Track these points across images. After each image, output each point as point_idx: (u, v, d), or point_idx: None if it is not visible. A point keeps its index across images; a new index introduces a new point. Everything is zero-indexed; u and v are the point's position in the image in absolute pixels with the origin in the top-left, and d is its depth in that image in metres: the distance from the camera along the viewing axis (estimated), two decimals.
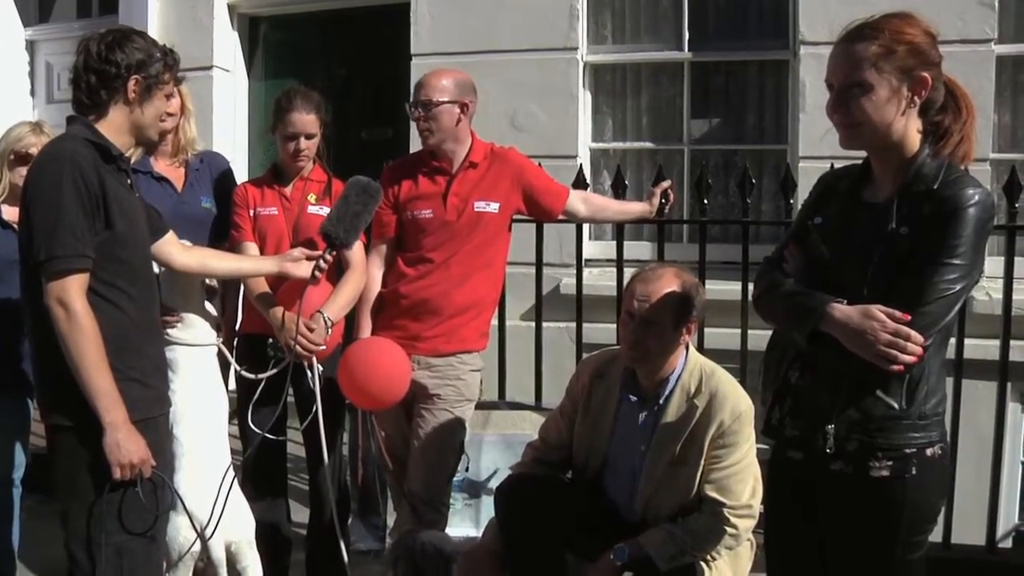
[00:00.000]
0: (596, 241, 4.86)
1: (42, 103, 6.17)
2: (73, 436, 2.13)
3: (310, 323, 2.83)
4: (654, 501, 2.43)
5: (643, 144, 4.96)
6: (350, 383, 2.86)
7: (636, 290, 2.41)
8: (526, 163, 3.09)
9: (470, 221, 2.92)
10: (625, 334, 2.42)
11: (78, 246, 2.07)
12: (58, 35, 6.12)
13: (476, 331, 3.02)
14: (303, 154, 3.01)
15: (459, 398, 2.97)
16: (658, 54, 4.83)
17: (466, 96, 2.92)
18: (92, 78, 2.20)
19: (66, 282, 2.05)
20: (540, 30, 4.77)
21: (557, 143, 4.72)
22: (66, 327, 2.04)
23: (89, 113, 2.23)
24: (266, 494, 3.03)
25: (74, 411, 2.11)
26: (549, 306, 3.91)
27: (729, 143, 4.87)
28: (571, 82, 4.77)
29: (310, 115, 3.00)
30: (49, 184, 2.09)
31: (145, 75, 2.25)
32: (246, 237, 3.01)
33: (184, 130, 3.15)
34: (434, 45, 4.92)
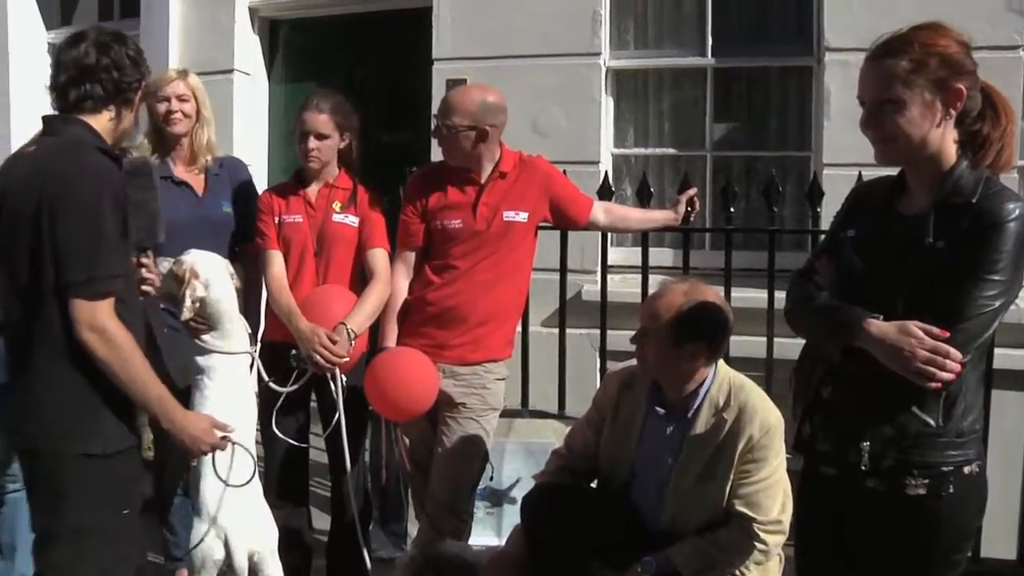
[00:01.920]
0: (619, 248, 4.84)
1: None
2: (97, 462, 2.07)
3: (333, 335, 2.84)
4: (681, 514, 2.42)
5: (665, 150, 4.95)
6: (378, 395, 2.87)
7: (647, 302, 2.43)
8: (554, 172, 3.09)
9: (500, 231, 2.92)
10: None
11: (118, 267, 2.03)
12: None
13: (501, 339, 3.02)
14: (312, 154, 3.00)
15: (484, 407, 2.97)
16: (681, 60, 4.81)
17: (489, 120, 2.89)
18: (116, 75, 2.11)
19: (103, 304, 2.00)
20: (562, 35, 4.76)
21: (579, 149, 4.71)
22: (107, 350, 2.00)
23: (96, 112, 2.13)
24: (288, 501, 3.04)
25: (96, 437, 2.07)
26: (570, 313, 3.91)
27: (751, 150, 4.85)
28: (593, 87, 4.76)
29: (322, 115, 3.00)
30: (88, 200, 2.01)
31: (145, 84, 2.25)
32: (271, 245, 3.02)
33: (199, 136, 3.17)
34: (455, 50, 4.92)
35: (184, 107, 3.15)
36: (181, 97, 3.14)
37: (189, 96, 3.15)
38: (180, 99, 3.14)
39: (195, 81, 3.21)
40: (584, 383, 4.35)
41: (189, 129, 3.16)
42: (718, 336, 2.38)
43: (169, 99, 3.14)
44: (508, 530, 3.05)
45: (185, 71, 3.29)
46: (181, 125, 3.15)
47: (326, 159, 3.03)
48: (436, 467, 2.96)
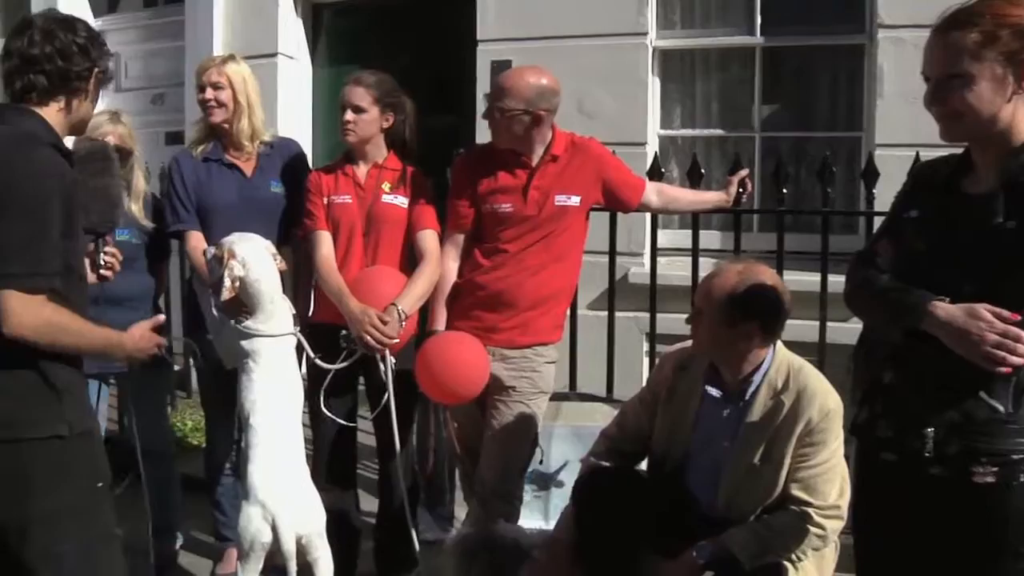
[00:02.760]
0: (666, 230, 4.79)
1: (110, 91, 6.26)
2: (65, 443, 2.05)
3: (384, 316, 2.84)
4: (737, 499, 2.39)
5: (713, 131, 4.89)
6: (428, 378, 2.87)
7: (702, 282, 2.41)
8: (606, 155, 3.06)
9: (551, 215, 2.89)
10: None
11: (56, 265, 1.99)
12: (126, 25, 6.22)
13: (551, 323, 3.00)
14: (347, 126, 3.00)
15: (534, 390, 2.96)
16: (729, 39, 4.75)
17: (542, 104, 2.85)
18: (60, 64, 2.05)
19: (37, 299, 1.95)
20: (608, 15, 4.71)
21: (625, 130, 4.66)
22: (52, 339, 1.98)
23: (44, 103, 2.07)
24: (336, 483, 3.05)
25: (60, 420, 2.05)
26: (618, 295, 3.88)
27: (801, 130, 4.77)
28: (640, 68, 4.71)
29: (359, 87, 3.00)
30: (35, 196, 1.96)
31: (102, 70, 2.15)
32: (319, 225, 3.02)
33: (238, 123, 3.17)
34: (500, 31, 4.90)
35: (219, 95, 3.15)
36: (216, 85, 3.15)
37: (225, 84, 3.14)
38: (215, 87, 3.15)
39: (233, 68, 3.18)
40: (632, 366, 4.34)
41: (227, 117, 3.16)
42: (773, 316, 2.34)
43: (205, 88, 3.15)
44: (555, 513, 3.05)
45: (227, 58, 3.28)
46: (217, 114, 3.16)
47: (363, 133, 3.02)
48: (485, 450, 2.96)
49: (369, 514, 3.34)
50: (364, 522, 3.30)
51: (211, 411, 3.34)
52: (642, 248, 4.60)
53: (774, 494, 2.35)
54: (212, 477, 3.31)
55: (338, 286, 2.91)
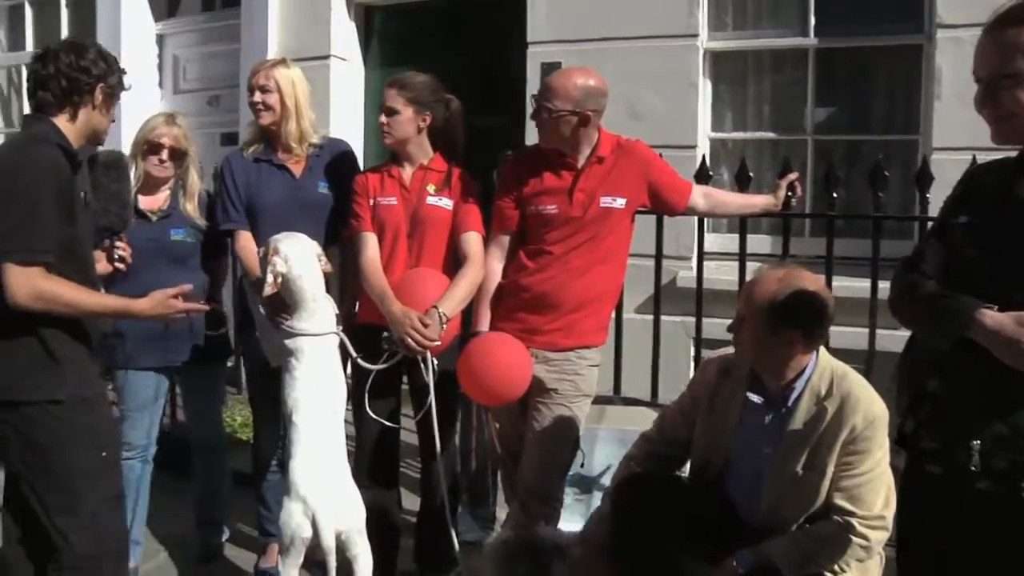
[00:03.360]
0: (714, 234, 4.75)
1: (169, 93, 6.44)
2: (64, 408, 2.36)
3: (424, 318, 2.85)
4: (779, 507, 2.36)
5: (764, 134, 4.83)
6: (470, 380, 2.88)
7: (744, 288, 2.37)
8: (652, 157, 3.03)
9: (596, 216, 2.88)
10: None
11: (48, 244, 2.30)
12: (185, 28, 6.37)
13: (595, 326, 2.98)
14: (383, 129, 3.04)
15: (576, 393, 2.94)
16: (782, 40, 4.68)
17: (590, 105, 2.84)
18: (64, 82, 2.43)
19: (32, 270, 2.27)
20: (659, 16, 4.68)
21: (676, 132, 4.63)
22: (53, 305, 2.29)
23: (55, 113, 2.45)
24: (378, 482, 3.07)
25: (60, 386, 2.36)
26: (664, 299, 3.86)
27: (855, 133, 4.69)
28: (691, 70, 4.68)
29: (391, 89, 3.03)
30: (28, 184, 2.29)
31: (107, 84, 2.50)
32: (365, 227, 3.04)
33: (285, 126, 3.20)
34: (550, 33, 4.90)
35: (267, 98, 3.18)
36: (264, 88, 3.19)
37: (273, 88, 3.18)
38: (263, 91, 3.19)
39: (281, 72, 3.21)
40: (677, 371, 4.30)
41: (275, 119, 3.20)
42: (815, 323, 2.30)
43: (254, 90, 3.20)
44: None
45: (276, 62, 3.31)
46: (265, 116, 3.20)
47: (399, 134, 3.03)
48: (527, 453, 2.95)
49: (411, 512, 3.36)
50: (406, 520, 3.32)
51: (258, 408, 3.39)
52: (690, 252, 4.54)
53: (817, 503, 2.31)
54: (258, 473, 3.36)
55: (381, 288, 2.93)
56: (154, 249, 3.19)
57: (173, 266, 3.20)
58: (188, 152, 3.33)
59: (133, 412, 3.21)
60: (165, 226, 3.25)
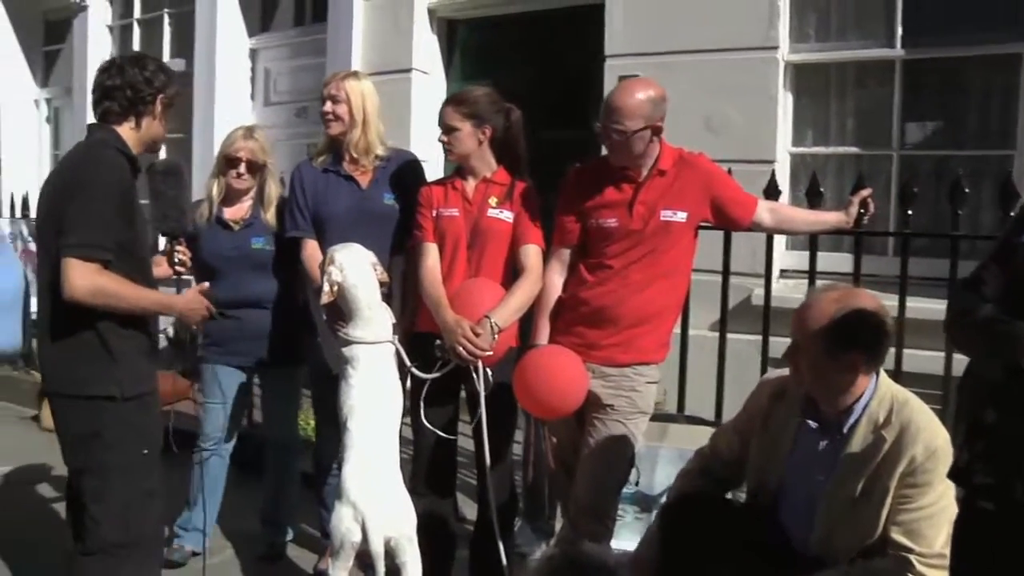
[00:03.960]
0: (793, 251, 4.61)
1: (260, 105, 6.66)
2: (116, 405, 2.46)
3: (476, 327, 2.84)
4: (832, 538, 2.24)
5: (848, 149, 4.66)
6: (525, 392, 2.84)
7: (796, 314, 2.26)
8: (715, 171, 2.95)
9: (656, 230, 2.82)
10: None
11: (107, 242, 2.39)
12: (276, 43, 6.58)
13: (655, 342, 2.91)
14: (445, 147, 3.05)
15: (633, 410, 2.88)
16: (867, 52, 4.51)
17: (659, 113, 2.78)
18: (129, 93, 2.56)
19: (90, 265, 2.36)
20: (738, 28, 4.58)
21: (753, 147, 4.51)
22: (103, 299, 2.38)
23: (120, 122, 2.57)
24: (434, 490, 3.06)
25: (113, 383, 2.46)
26: (739, 317, 3.76)
27: (945, 149, 4.47)
28: (770, 83, 4.55)
29: (447, 107, 3.05)
30: (92, 185, 2.41)
31: (166, 95, 2.63)
32: (427, 238, 3.05)
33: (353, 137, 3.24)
34: (628, 45, 4.84)
35: (336, 109, 3.24)
36: (335, 99, 3.24)
37: (343, 98, 3.23)
38: (334, 101, 3.24)
39: (352, 84, 3.26)
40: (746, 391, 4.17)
41: (343, 130, 3.24)
42: (876, 343, 2.18)
43: (325, 100, 3.26)
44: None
45: (349, 73, 3.37)
46: (333, 126, 3.26)
47: (460, 150, 3.04)
48: (580, 468, 2.90)
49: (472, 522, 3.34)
50: (464, 530, 3.31)
51: (320, 412, 3.44)
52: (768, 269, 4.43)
53: (874, 536, 2.18)
54: (320, 476, 3.41)
55: (437, 296, 2.93)
56: (237, 257, 3.34)
57: (255, 272, 3.37)
58: (265, 163, 3.44)
59: (208, 405, 3.41)
60: (247, 235, 3.39)
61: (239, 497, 3.66)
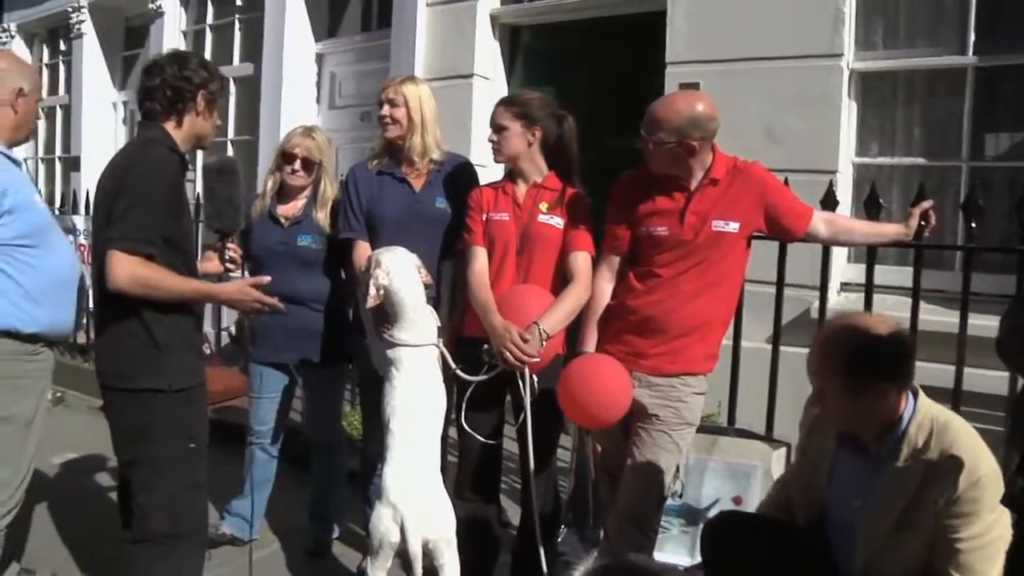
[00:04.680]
0: (855, 264, 4.47)
1: (325, 108, 6.75)
2: (163, 398, 2.49)
3: (525, 334, 2.82)
4: (876, 565, 2.14)
5: (914, 160, 4.50)
6: (569, 400, 2.81)
7: (808, 361, 2.17)
8: (769, 180, 2.88)
9: (708, 240, 2.77)
10: None
11: (153, 235, 2.43)
12: (342, 48, 6.67)
13: (703, 353, 2.85)
14: (494, 147, 3.06)
15: (679, 421, 2.83)
16: (937, 59, 4.35)
17: (695, 134, 2.72)
18: (169, 92, 2.60)
19: (133, 258, 2.40)
20: (802, 36, 4.46)
21: (816, 157, 4.40)
22: (147, 289, 2.43)
23: (163, 121, 2.62)
24: (479, 495, 3.06)
25: (161, 376, 2.50)
26: (796, 330, 3.67)
27: (1018, 160, 4.29)
28: (833, 91, 4.43)
29: (499, 107, 3.06)
30: (141, 181, 2.46)
31: (209, 91, 2.66)
32: (476, 241, 3.05)
33: (410, 140, 3.26)
34: (689, 53, 4.77)
35: (394, 112, 3.26)
36: (393, 102, 3.27)
37: (400, 102, 3.25)
38: (392, 104, 3.27)
39: (410, 88, 3.28)
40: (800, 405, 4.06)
41: (400, 133, 3.27)
42: (900, 366, 2.08)
43: (383, 104, 3.28)
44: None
45: (407, 78, 3.39)
46: (390, 129, 3.28)
47: (508, 151, 3.03)
48: (624, 478, 2.86)
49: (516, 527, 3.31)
50: (508, 535, 3.29)
51: (367, 412, 3.46)
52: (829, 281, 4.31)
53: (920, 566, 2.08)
54: (366, 475, 3.42)
55: (485, 301, 2.93)
56: (283, 252, 3.38)
57: (300, 269, 3.39)
58: (321, 163, 3.48)
59: (254, 400, 3.48)
60: (294, 232, 3.42)
61: (289, 492, 3.70)
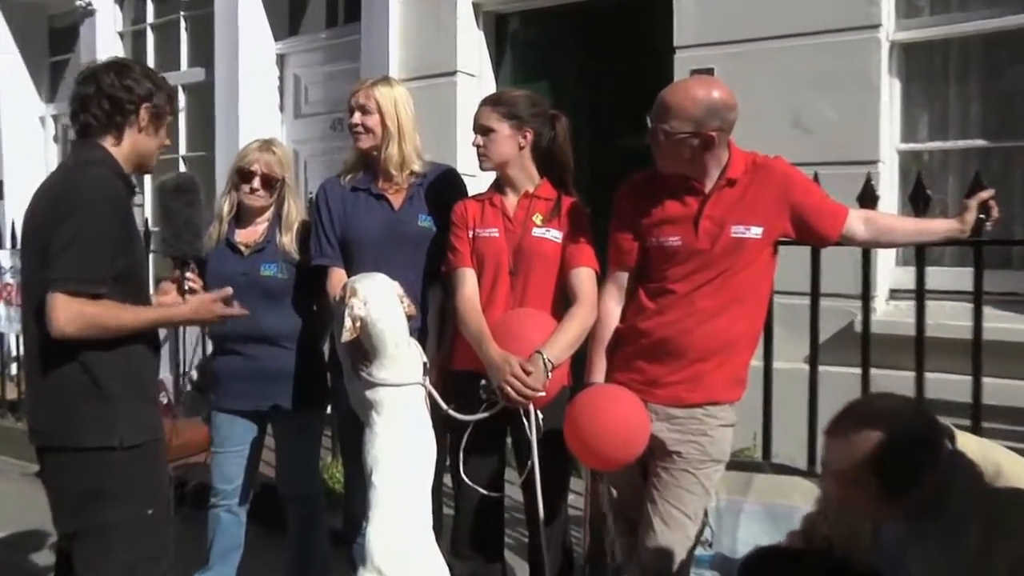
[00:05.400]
0: (905, 268, 4.51)
1: (290, 117, 6.85)
2: (114, 456, 2.48)
3: (527, 364, 2.89)
4: None
5: (972, 142, 4.56)
6: (577, 439, 2.87)
7: (821, 471, 2.22)
8: (794, 176, 2.95)
9: (727, 249, 2.83)
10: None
11: (99, 272, 2.44)
12: (306, 47, 6.78)
13: (728, 378, 2.92)
14: (479, 151, 3.14)
15: (704, 458, 2.89)
16: (996, 21, 4.37)
17: (714, 123, 2.78)
18: (106, 104, 2.60)
19: (76, 300, 2.39)
20: (830, 8, 4.55)
21: (851, 146, 4.48)
22: (94, 330, 2.43)
23: (101, 136, 2.62)
24: (479, 552, 3.12)
25: (110, 430, 2.48)
26: (838, 347, 3.73)
27: None
28: (871, 68, 4.50)
29: (484, 107, 3.14)
30: (80, 210, 2.45)
31: (154, 105, 2.66)
32: (463, 262, 3.12)
33: (387, 150, 3.32)
34: (699, 35, 4.87)
35: (366, 120, 3.32)
36: (364, 108, 3.32)
37: (373, 108, 3.31)
38: (363, 111, 3.32)
39: (383, 91, 3.33)
40: None
41: (376, 143, 3.33)
42: (936, 455, 2.10)
43: (353, 111, 3.35)
44: None
45: (379, 80, 3.44)
46: (363, 139, 3.34)
47: (497, 156, 3.12)
48: (644, 527, 2.91)
49: None
50: None
51: (350, 462, 3.50)
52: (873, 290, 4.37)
53: None
54: (349, 534, 3.46)
55: (478, 329, 3.00)
56: (244, 284, 3.37)
57: (265, 303, 3.43)
58: (284, 180, 3.53)
59: (217, 456, 3.52)
60: (256, 260, 3.48)
61: (262, 558, 3.75)
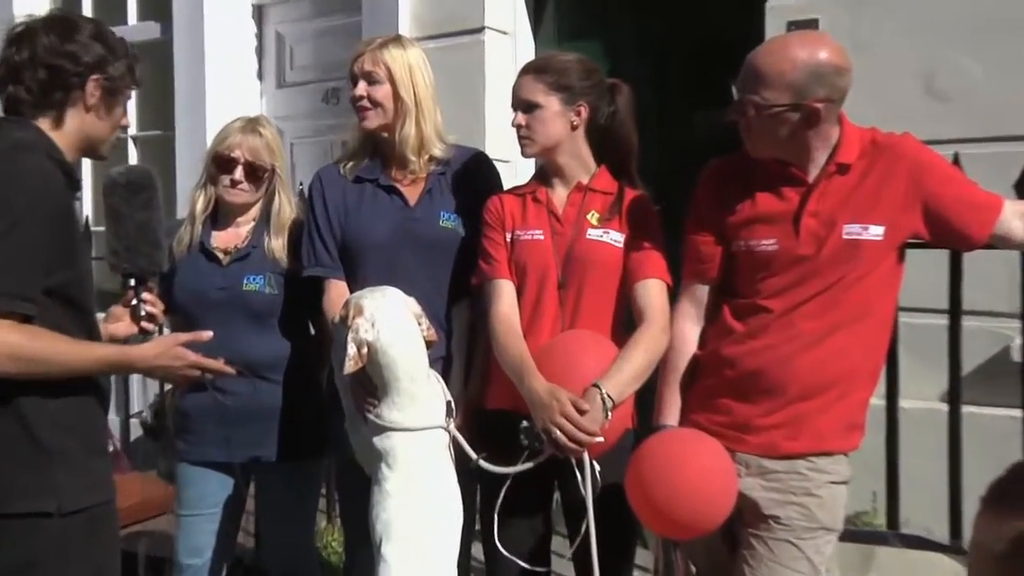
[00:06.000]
0: None
1: (271, 88, 6.88)
2: (53, 523, 2.47)
3: (580, 402, 2.90)
4: None
5: None
6: (644, 498, 2.89)
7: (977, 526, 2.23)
8: (931, 159, 2.92)
9: (837, 254, 2.83)
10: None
11: (28, 288, 2.40)
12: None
13: (840, 421, 2.91)
14: (520, 132, 3.15)
15: (809, 524, 2.88)
16: None
17: (820, 91, 2.77)
18: (42, 74, 2.55)
19: (6, 323, 2.35)
20: None
21: (1008, 118, 4.47)
22: (22, 365, 2.37)
23: (35, 115, 2.57)
24: None
25: (47, 493, 2.47)
26: (991, 379, 3.72)
27: None
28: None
29: (525, 76, 3.15)
30: (9, 208, 2.39)
31: (106, 76, 2.62)
32: (499, 272, 3.15)
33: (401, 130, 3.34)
34: None
35: (373, 92, 3.33)
36: (370, 77, 3.33)
37: (382, 76, 3.32)
38: (369, 79, 3.33)
39: (395, 55, 3.34)
40: None
41: (386, 122, 3.35)
42: None
43: (357, 80, 3.36)
44: None
45: (389, 40, 3.43)
46: (370, 117, 3.36)
47: (544, 139, 3.14)
48: None
49: None
50: None
51: (351, 525, 3.54)
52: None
53: None
54: None
55: (519, 357, 3.01)
56: (223, 301, 3.46)
57: (249, 325, 3.49)
58: (274, 169, 3.57)
59: (183, 519, 3.56)
60: (238, 271, 3.52)
61: None
